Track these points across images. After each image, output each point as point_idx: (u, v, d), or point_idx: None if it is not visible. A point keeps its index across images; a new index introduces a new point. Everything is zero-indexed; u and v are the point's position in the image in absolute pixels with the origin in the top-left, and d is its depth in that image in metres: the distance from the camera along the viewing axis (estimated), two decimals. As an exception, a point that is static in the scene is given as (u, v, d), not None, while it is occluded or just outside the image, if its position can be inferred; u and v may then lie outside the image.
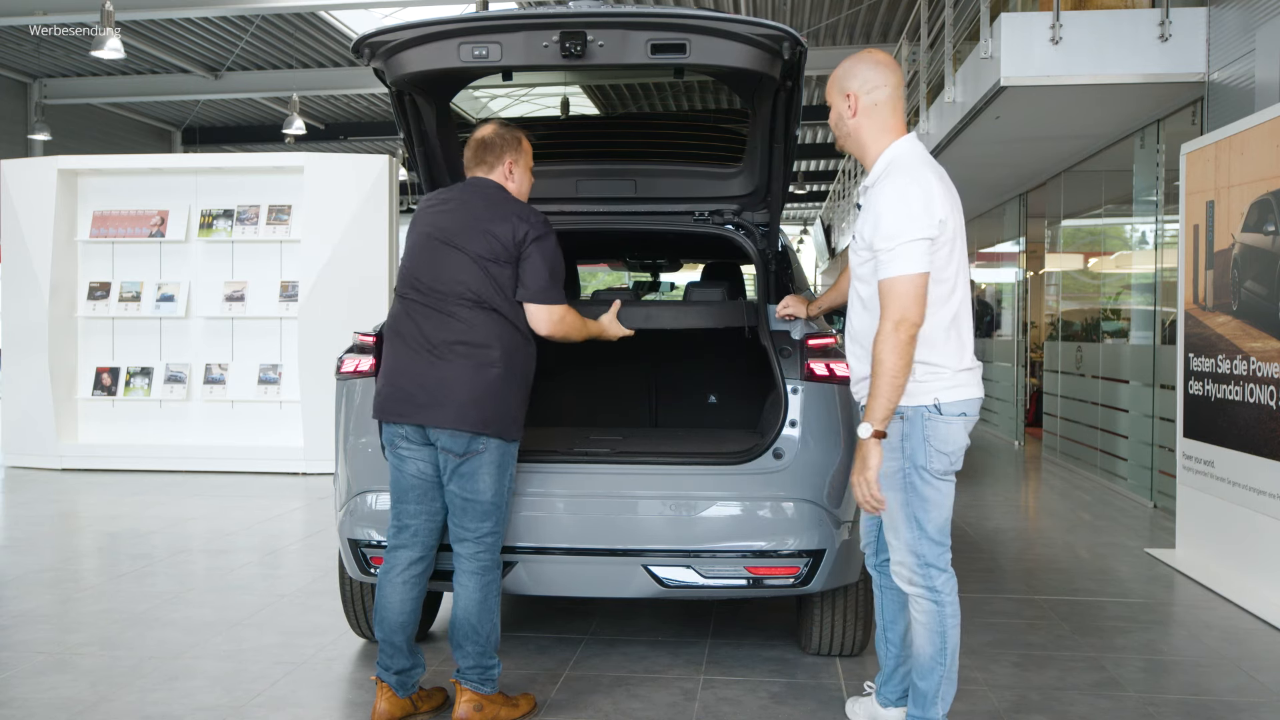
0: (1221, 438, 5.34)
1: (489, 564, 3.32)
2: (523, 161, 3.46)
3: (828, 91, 3.05)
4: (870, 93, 2.94)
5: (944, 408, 2.90)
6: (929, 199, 2.84)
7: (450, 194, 3.45)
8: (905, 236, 2.80)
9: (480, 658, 3.31)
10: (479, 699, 3.31)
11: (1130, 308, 8.62)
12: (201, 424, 9.11)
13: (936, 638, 2.95)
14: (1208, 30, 6.49)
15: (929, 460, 2.91)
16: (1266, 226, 4.95)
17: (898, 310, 2.80)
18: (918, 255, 2.80)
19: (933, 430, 2.91)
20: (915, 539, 2.94)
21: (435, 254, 3.30)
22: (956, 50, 8.60)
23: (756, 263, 4.02)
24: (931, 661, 2.97)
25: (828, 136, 22.61)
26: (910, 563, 2.96)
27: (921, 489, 2.92)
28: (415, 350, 3.26)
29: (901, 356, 2.79)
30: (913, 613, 3.01)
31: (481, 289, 3.24)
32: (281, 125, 16.95)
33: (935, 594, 2.94)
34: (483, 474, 3.25)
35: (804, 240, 33.49)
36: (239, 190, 9.14)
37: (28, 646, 4.13)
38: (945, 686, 2.99)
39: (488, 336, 3.23)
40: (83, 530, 6.78)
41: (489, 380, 3.22)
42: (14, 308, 9.25)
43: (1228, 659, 4.12)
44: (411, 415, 3.24)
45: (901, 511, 2.95)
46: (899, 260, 2.80)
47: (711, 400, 4.99)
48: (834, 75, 3.03)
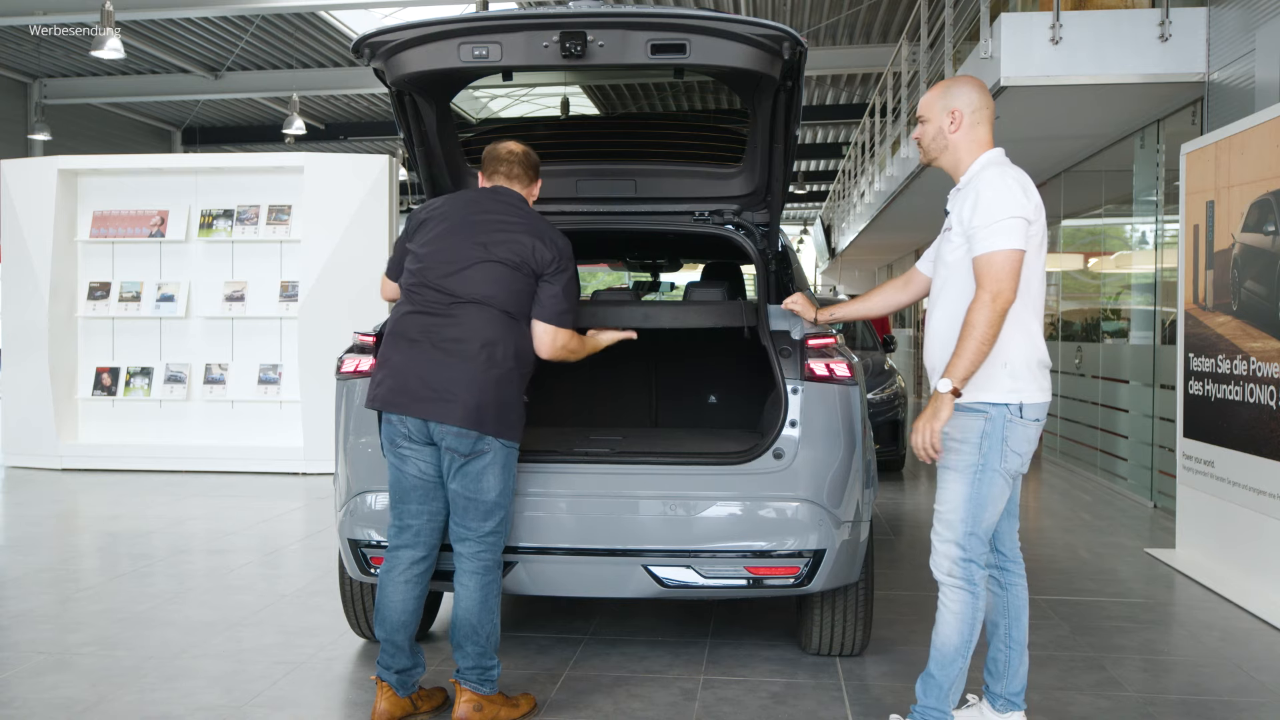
0: (1221, 438, 5.35)
1: (490, 564, 3.32)
2: (537, 189, 3.55)
3: (926, 108, 3.16)
4: (974, 112, 3.10)
5: (1025, 410, 3.00)
6: (1028, 187, 2.99)
7: (477, 195, 3.44)
8: (1005, 214, 2.91)
9: (480, 658, 3.30)
10: (479, 699, 3.31)
11: (1130, 308, 8.62)
12: (201, 424, 9.11)
13: (966, 629, 3.03)
14: (1208, 30, 6.49)
15: (1004, 460, 3.00)
16: (1266, 226, 4.95)
17: (994, 283, 2.89)
18: (1017, 232, 2.91)
19: (1011, 431, 2.99)
20: (967, 534, 3.02)
21: (458, 254, 3.29)
22: (956, 50, 8.61)
23: (756, 263, 4.02)
24: (955, 653, 3.05)
25: (828, 136, 22.64)
26: (955, 555, 3.03)
27: (988, 487, 3.00)
28: (422, 346, 3.24)
29: (993, 326, 2.88)
30: (945, 603, 3.07)
31: (501, 294, 3.26)
32: (281, 125, 16.96)
33: (974, 587, 3.03)
34: (488, 474, 3.25)
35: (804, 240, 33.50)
36: (239, 190, 9.14)
37: (28, 646, 4.13)
38: (960, 680, 3.07)
39: (500, 339, 3.24)
40: (83, 530, 6.78)
41: (498, 381, 3.22)
42: (14, 308, 9.25)
43: (1228, 659, 4.12)
44: (414, 409, 3.22)
45: (963, 505, 3.02)
46: (998, 235, 2.91)
47: (711, 400, 4.99)
48: (937, 94, 3.16)
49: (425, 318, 3.28)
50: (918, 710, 3.12)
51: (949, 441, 3.03)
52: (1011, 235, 2.91)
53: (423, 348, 3.24)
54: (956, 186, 3.14)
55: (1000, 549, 3.21)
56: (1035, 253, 3.01)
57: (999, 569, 3.22)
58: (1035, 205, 2.99)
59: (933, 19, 9.55)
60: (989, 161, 3.08)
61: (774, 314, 3.83)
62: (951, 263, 3.09)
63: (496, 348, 3.24)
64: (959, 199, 3.08)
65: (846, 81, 17.65)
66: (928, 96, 3.19)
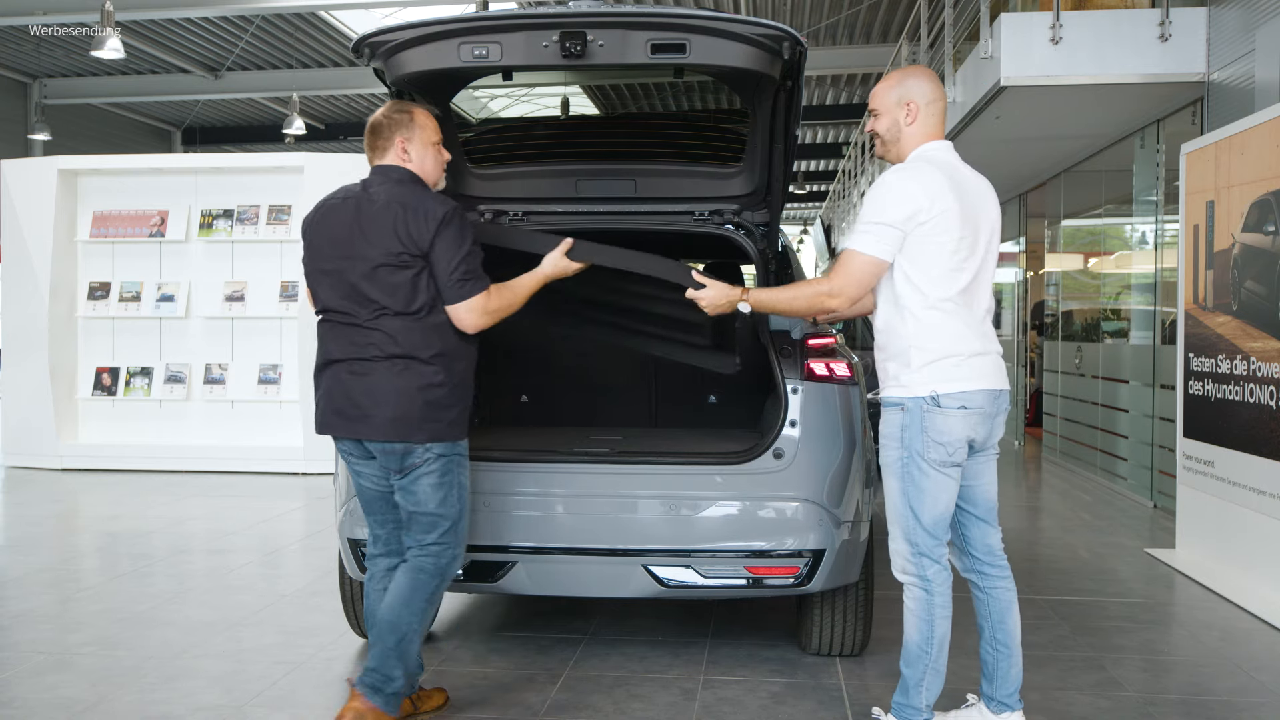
0: (1221, 438, 5.34)
1: (430, 569, 3.17)
2: (419, 137, 3.19)
3: (879, 99, 3.14)
4: (929, 104, 3.10)
5: (941, 399, 3.00)
6: (927, 187, 2.96)
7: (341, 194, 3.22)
8: (874, 218, 2.98)
9: (384, 661, 3.10)
10: (365, 710, 3.06)
11: (1130, 308, 8.62)
12: (201, 424, 9.11)
13: (925, 626, 3.06)
14: (1208, 30, 6.49)
15: (926, 450, 3.02)
16: (1266, 226, 4.95)
17: (837, 275, 3.03)
18: (881, 239, 2.97)
19: (931, 421, 3.01)
20: (911, 528, 3.07)
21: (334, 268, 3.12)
22: (956, 50, 8.60)
23: (756, 263, 4.02)
24: (919, 650, 3.07)
25: (828, 136, 22.64)
26: (905, 551, 3.08)
27: (919, 479, 3.04)
28: (342, 362, 3.14)
29: (809, 309, 3.14)
30: (905, 600, 3.12)
31: (388, 297, 3.06)
32: (281, 125, 16.96)
33: (927, 583, 3.06)
34: (422, 484, 3.12)
35: (804, 240, 33.49)
36: (239, 190, 9.14)
37: (28, 646, 4.13)
38: (930, 677, 3.09)
39: (409, 344, 3.07)
40: (83, 530, 6.78)
41: (420, 388, 3.06)
42: (14, 308, 9.25)
43: (1228, 659, 4.12)
44: (344, 430, 3.14)
45: (900, 500, 3.08)
46: (860, 237, 3.00)
47: (711, 400, 4.99)
48: (890, 85, 3.13)
49: (339, 329, 3.16)
50: (894, 707, 3.16)
51: (884, 440, 3.11)
52: (873, 241, 2.97)
53: (343, 364, 3.13)
54: None
55: (974, 553, 3.20)
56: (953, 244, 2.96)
57: (977, 572, 3.22)
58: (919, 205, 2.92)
59: (933, 19, 9.54)
60: (915, 157, 3.08)
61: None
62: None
63: (410, 356, 3.06)
64: None
65: (846, 81, 17.66)
66: (880, 88, 3.16)
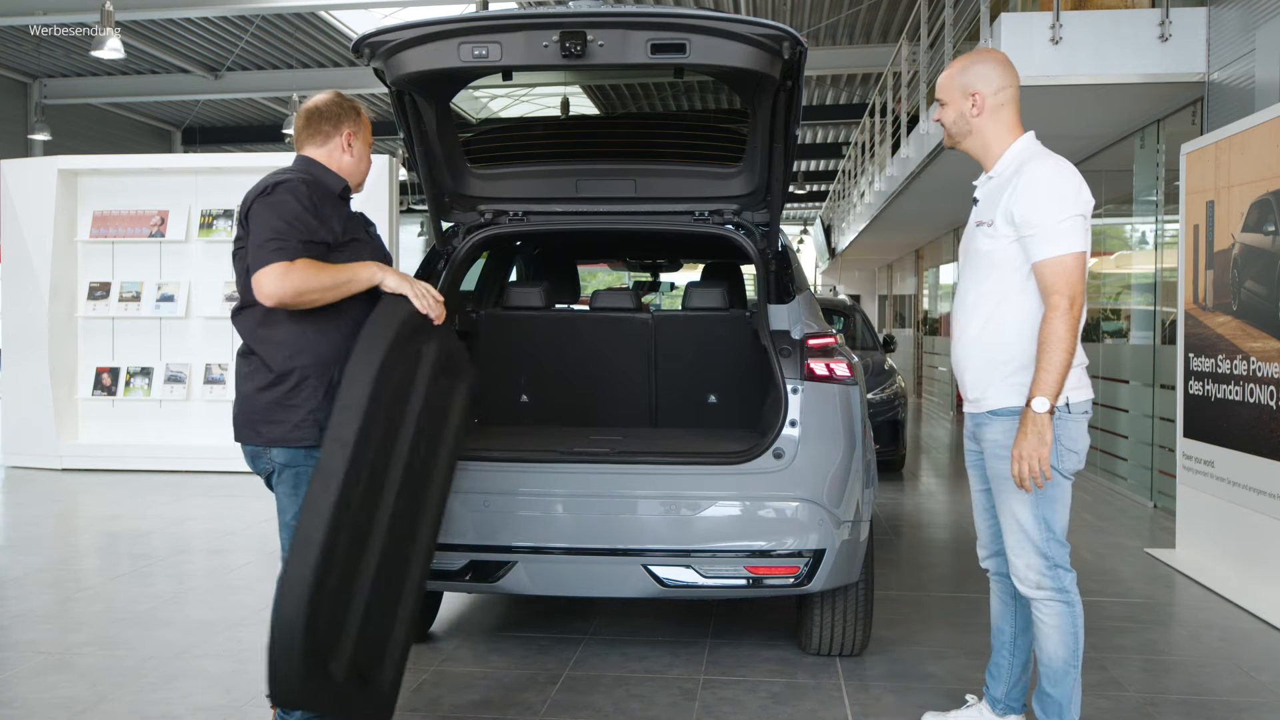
0: (1221, 438, 5.34)
1: None
2: (364, 135, 3.07)
3: (944, 90, 3.00)
4: (997, 93, 2.94)
5: (1073, 406, 2.87)
6: (1081, 181, 2.83)
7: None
8: (1069, 212, 2.78)
9: None
10: None
11: (1130, 307, 8.62)
12: (201, 424, 9.10)
13: (1070, 639, 2.90)
14: (1208, 30, 6.49)
15: (1060, 460, 2.86)
16: (1266, 226, 4.95)
17: (1070, 288, 2.75)
18: (1080, 232, 2.79)
19: (1063, 429, 2.85)
20: (1045, 540, 2.89)
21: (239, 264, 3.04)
22: (956, 50, 8.61)
23: (756, 263, 4.02)
24: (1065, 666, 2.91)
25: (828, 136, 22.64)
26: (1039, 565, 2.90)
27: (1051, 490, 2.87)
28: None
29: (1074, 333, 2.76)
30: (1040, 617, 2.93)
31: (241, 290, 2.98)
32: (281, 125, 16.96)
33: (1066, 594, 2.89)
34: (279, 491, 3.00)
35: (804, 240, 33.49)
36: (239, 190, 9.05)
37: (28, 646, 4.13)
38: (1078, 691, 2.94)
39: (252, 339, 2.97)
40: (83, 530, 6.78)
41: (259, 387, 2.91)
42: (14, 308, 9.25)
43: (1228, 659, 4.12)
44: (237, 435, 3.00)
45: (1031, 514, 2.89)
46: (1066, 238, 2.77)
47: (711, 400, 4.99)
48: (953, 75, 2.98)
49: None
50: None
51: (1000, 450, 2.92)
52: (1077, 236, 2.77)
53: None
54: (988, 175, 3.00)
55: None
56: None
57: (999, 577, 3.18)
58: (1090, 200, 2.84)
59: (933, 19, 9.55)
60: (1030, 151, 2.91)
61: (774, 314, 3.84)
62: (987, 253, 2.93)
63: (252, 347, 2.97)
64: (1000, 192, 2.91)
65: (846, 81, 17.65)
66: (945, 76, 3.00)
